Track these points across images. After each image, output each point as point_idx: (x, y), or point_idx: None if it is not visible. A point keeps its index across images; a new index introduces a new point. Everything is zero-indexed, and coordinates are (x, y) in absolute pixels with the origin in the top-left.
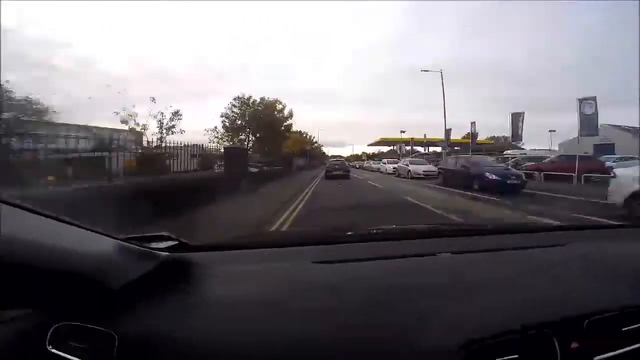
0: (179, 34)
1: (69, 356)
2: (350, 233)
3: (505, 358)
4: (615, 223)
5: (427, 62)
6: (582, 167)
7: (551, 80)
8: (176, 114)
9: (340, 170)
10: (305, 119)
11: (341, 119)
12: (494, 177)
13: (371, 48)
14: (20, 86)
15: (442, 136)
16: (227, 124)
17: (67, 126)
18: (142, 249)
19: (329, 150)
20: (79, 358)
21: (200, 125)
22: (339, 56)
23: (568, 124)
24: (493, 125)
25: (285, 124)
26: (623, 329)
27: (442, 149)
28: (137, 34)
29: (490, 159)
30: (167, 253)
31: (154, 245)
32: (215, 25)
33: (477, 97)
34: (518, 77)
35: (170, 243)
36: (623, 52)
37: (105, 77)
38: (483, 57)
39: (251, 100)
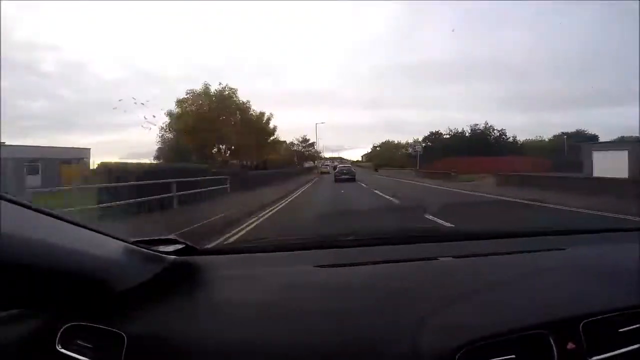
0: (168, 33)
1: (78, 356)
2: (351, 238)
3: (502, 358)
4: (614, 227)
5: (426, 59)
6: None
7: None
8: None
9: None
10: (301, 122)
11: (338, 122)
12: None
13: (368, 46)
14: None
15: None
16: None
17: None
18: (150, 252)
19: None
20: (88, 358)
21: None
22: (334, 55)
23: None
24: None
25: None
26: (620, 330)
27: None
28: (127, 36)
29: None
30: (174, 256)
31: (161, 248)
32: (206, 23)
33: (477, 94)
34: (518, 73)
35: (177, 246)
36: (623, 50)
37: (96, 80)
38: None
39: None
